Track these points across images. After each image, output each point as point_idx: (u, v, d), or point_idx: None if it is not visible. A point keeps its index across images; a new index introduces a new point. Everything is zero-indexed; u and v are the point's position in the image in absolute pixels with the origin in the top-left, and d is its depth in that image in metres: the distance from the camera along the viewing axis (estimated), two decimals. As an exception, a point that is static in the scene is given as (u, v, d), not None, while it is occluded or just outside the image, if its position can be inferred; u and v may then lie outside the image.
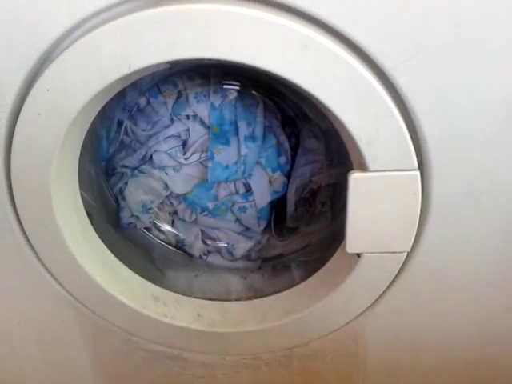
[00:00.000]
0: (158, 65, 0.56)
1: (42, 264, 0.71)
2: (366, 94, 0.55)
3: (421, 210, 0.62)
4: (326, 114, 0.60)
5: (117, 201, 0.88)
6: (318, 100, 0.56)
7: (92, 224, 0.73)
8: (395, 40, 0.54)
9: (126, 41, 0.54)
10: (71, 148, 0.65)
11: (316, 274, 0.75)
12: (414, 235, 0.64)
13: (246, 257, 0.91)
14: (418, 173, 0.59)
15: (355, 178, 0.60)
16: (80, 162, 0.69)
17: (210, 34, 0.53)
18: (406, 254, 0.66)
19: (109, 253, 0.75)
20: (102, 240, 0.74)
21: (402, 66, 0.55)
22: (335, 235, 0.79)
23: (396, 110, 0.57)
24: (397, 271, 0.68)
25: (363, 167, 0.60)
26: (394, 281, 0.69)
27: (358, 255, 0.66)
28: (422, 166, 0.60)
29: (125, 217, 0.87)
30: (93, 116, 0.65)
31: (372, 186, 0.61)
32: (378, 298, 0.71)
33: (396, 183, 0.60)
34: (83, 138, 0.66)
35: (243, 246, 0.90)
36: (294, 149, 0.87)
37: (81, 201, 0.71)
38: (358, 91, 0.55)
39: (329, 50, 0.54)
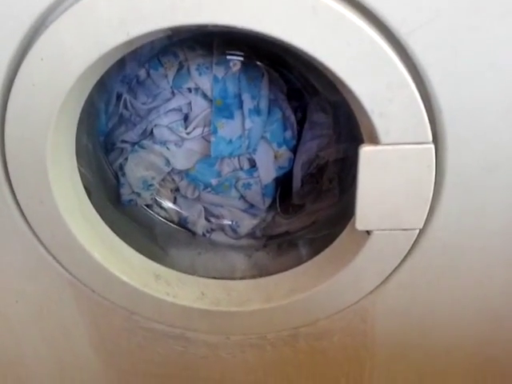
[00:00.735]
0: (158, 32, 0.54)
1: (39, 241, 0.70)
2: (379, 62, 0.53)
3: (434, 185, 0.60)
4: (336, 84, 0.58)
5: (117, 177, 0.86)
6: (327, 69, 0.54)
7: (91, 200, 0.72)
8: (410, 2, 0.51)
9: (124, 5, 0.52)
10: (68, 121, 0.63)
11: (323, 252, 0.74)
12: (427, 211, 0.62)
13: (251, 235, 0.89)
14: (432, 146, 0.57)
15: (366, 151, 0.58)
16: (77, 136, 0.67)
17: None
18: (418, 230, 0.64)
19: (108, 230, 0.74)
20: (102, 217, 0.73)
21: (417, 32, 0.52)
22: (343, 212, 0.78)
23: (410, 79, 0.54)
24: (408, 248, 0.66)
25: (374, 140, 0.57)
26: (405, 258, 0.67)
27: (368, 232, 0.64)
28: (437, 138, 0.58)
29: (125, 193, 0.85)
30: (90, 87, 0.63)
31: (384, 159, 0.59)
32: (389, 276, 0.69)
33: (409, 157, 0.58)
34: (80, 110, 0.64)
35: (247, 223, 0.89)
36: (301, 123, 0.85)
37: (79, 176, 0.69)
38: (370, 59, 0.53)
39: (339, 13, 0.51)
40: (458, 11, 0.52)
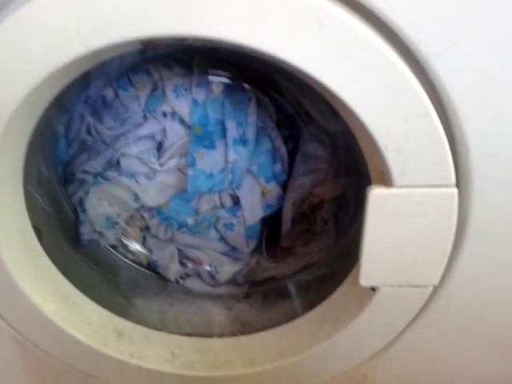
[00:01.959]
0: (125, 45, 0.49)
1: None
2: (396, 88, 0.48)
3: (455, 236, 0.56)
4: (340, 112, 0.54)
5: (76, 213, 0.81)
6: (331, 94, 0.49)
7: (41, 242, 0.66)
8: (439, 18, 0.46)
9: (82, 11, 0.46)
10: (11, 150, 0.57)
11: (319, 307, 0.68)
12: (445, 266, 0.58)
13: (232, 282, 0.85)
14: (455, 190, 0.53)
15: (376, 194, 0.53)
16: (34, 164, 0.66)
17: (196, 5, 0.45)
18: (432, 287, 0.60)
19: (61, 278, 0.68)
20: (54, 261, 0.67)
21: (445, 53, 0.47)
22: (340, 255, 0.78)
23: (433, 109, 0.49)
24: (419, 308, 0.62)
25: (387, 181, 0.52)
26: (415, 318, 0.63)
27: (373, 288, 0.60)
28: (461, 181, 0.53)
29: (85, 232, 0.79)
30: (40, 110, 0.57)
31: (397, 204, 0.53)
32: (395, 339, 0.65)
33: (427, 202, 0.53)
34: (27, 137, 0.59)
35: (228, 269, 0.84)
36: (292, 155, 0.81)
37: (26, 214, 0.63)
38: (387, 84, 0.48)
39: (350, 28, 0.46)
40: (495, 29, 0.47)
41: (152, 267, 0.85)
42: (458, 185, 0.52)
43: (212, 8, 0.45)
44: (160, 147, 0.77)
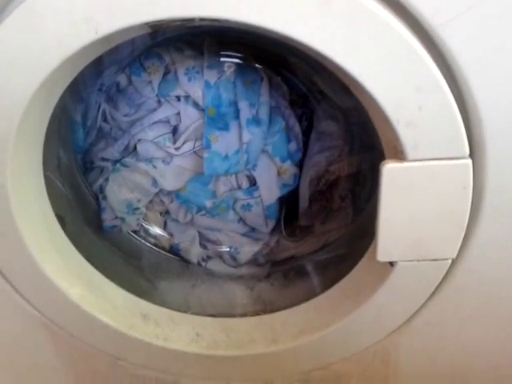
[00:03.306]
0: (135, 29, 0.50)
1: (6, 280, 0.64)
2: (406, 61, 0.47)
3: (471, 208, 0.55)
4: (350, 88, 0.53)
5: (97, 200, 0.81)
6: (341, 70, 0.48)
7: (65, 229, 0.66)
8: None
9: None
10: (31, 139, 0.58)
11: (338, 284, 0.68)
12: (462, 238, 0.57)
13: (252, 262, 0.85)
14: (469, 161, 0.52)
15: (390, 169, 0.53)
16: (53, 152, 0.66)
17: None
18: (450, 261, 0.59)
19: (86, 263, 0.69)
20: (78, 248, 0.68)
21: (453, 23, 0.46)
22: (358, 231, 0.77)
23: (444, 81, 0.48)
24: (439, 281, 0.61)
25: (400, 156, 0.52)
26: (434, 292, 0.63)
27: (391, 264, 0.59)
28: (474, 153, 0.53)
29: (107, 219, 0.80)
30: (55, 99, 0.58)
31: (411, 178, 0.53)
32: (415, 313, 0.65)
33: (441, 175, 0.53)
34: (45, 126, 0.59)
35: (248, 249, 0.84)
36: (307, 133, 0.80)
37: (48, 202, 0.64)
38: (396, 57, 0.47)
39: (357, 1, 0.45)
40: None
41: (174, 250, 0.85)
42: (471, 156, 0.52)
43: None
44: (175, 131, 0.77)
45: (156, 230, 0.85)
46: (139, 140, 0.76)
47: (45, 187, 0.63)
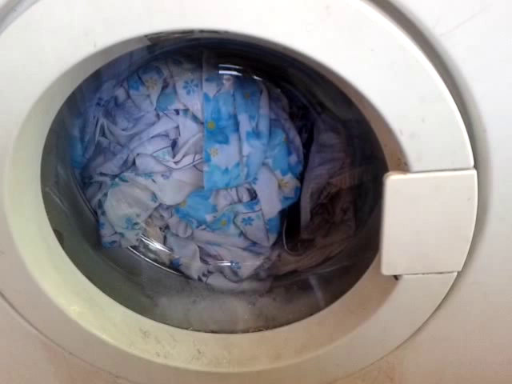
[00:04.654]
0: (133, 42, 0.49)
1: (3, 297, 0.64)
2: (409, 72, 0.47)
3: (476, 220, 0.54)
4: (352, 99, 0.53)
5: (95, 216, 0.81)
6: (343, 81, 0.48)
7: (63, 245, 0.66)
8: None
9: (89, 9, 0.46)
10: (28, 154, 0.58)
11: (342, 299, 0.68)
12: (467, 251, 0.57)
13: (254, 277, 0.85)
14: (474, 172, 0.51)
15: (393, 181, 0.52)
16: (50, 166, 0.67)
17: None
18: (455, 273, 0.58)
19: (85, 280, 0.68)
20: (76, 265, 0.68)
21: (455, 32, 0.46)
22: (361, 244, 0.77)
23: (447, 91, 0.48)
24: (444, 295, 0.61)
25: (403, 167, 0.51)
26: (440, 306, 0.62)
27: (396, 277, 0.59)
28: (479, 164, 0.52)
29: (106, 235, 0.80)
30: (54, 111, 0.58)
31: (415, 190, 0.52)
32: (420, 327, 0.64)
33: (446, 186, 0.52)
34: (43, 141, 0.59)
35: (250, 264, 0.84)
36: (307, 145, 0.80)
37: (46, 218, 0.64)
38: (399, 68, 0.47)
39: (358, 12, 0.45)
40: (507, 6, 0.45)
41: (174, 266, 0.85)
42: (476, 167, 0.51)
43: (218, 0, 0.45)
44: (174, 145, 0.77)
45: (156, 245, 0.85)
46: (138, 154, 0.76)
47: (43, 202, 0.63)
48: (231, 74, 0.74)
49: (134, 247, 0.84)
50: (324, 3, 0.44)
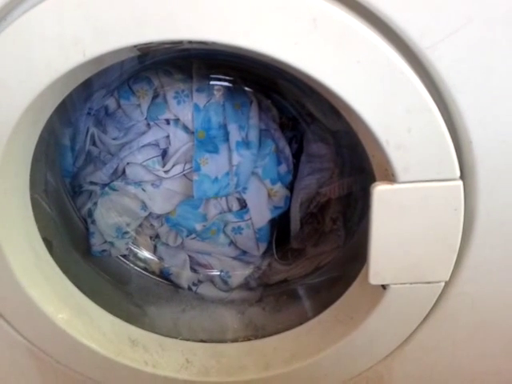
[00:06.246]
0: (123, 52, 0.50)
1: None
2: (394, 83, 0.47)
3: (462, 230, 0.55)
4: (340, 110, 0.53)
5: (85, 224, 0.81)
6: (330, 93, 0.48)
7: (51, 253, 0.66)
8: (433, 9, 0.46)
9: (78, 18, 0.46)
10: (17, 164, 0.58)
11: (330, 309, 0.68)
12: (454, 261, 0.57)
13: (244, 286, 0.84)
14: (460, 183, 0.52)
15: (380, 191, 0.52)
16: (40, 174, 0.66)
17: (191, 8, 0.45)
18: (443, 283, 0.59)
19: (73, 288, 0.68)
20: (65, 272, 0.67)
21: (440, 45, 0.47)
22: (351, 254, 0.77)
23: (433, 103, 0.48)
24: (432, 304, 0.61)
25: (390, 178, 0.52)
26: (427, 316, 0.62)
27: (384, 287, 0.59)
28: (465, 174, 0.52)
29: (96, 244, 0.79)
30: (44, 119, 0.58)
31: (402, 201, 0.53)
32: (408, 337, 0.64)
33: (432, 197, 0.52)
34: (32, 150, 0.59)
35: (240, 273, 0.84)
36: (297, 155, 0.80)
37: (35, 226, 0.63)
38: (384, 79, 0.47)
39: (345, 24, 0.46)
40: (491, 19, 0.46)
41: (164, 275, 0.84)
42: (462, 178, 0.51)
43: (206, 11, 0.45)
44: (164, 154, 0.77)
45: (146, 254, 0.85)
46: (128, 163, 0.76)
47: (32, 210, 0.63)
48: (222, 85, 0.74)
49: (124, 256, 0.84)
50: (311, 16, 0.45)
